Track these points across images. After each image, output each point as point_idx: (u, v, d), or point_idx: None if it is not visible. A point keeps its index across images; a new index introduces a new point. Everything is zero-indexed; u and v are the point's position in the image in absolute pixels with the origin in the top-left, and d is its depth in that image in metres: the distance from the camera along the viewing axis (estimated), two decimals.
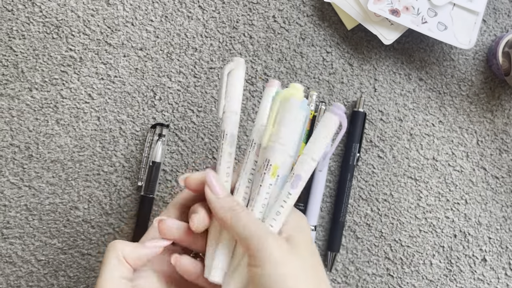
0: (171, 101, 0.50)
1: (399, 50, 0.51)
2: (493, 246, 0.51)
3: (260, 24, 0.51)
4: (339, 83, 0.51)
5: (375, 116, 0.51)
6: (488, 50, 0.51)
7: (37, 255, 0.49)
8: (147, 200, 0.48)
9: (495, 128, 0.51)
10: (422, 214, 0.50)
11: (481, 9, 0.48)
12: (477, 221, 0.51)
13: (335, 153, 0.50)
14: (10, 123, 0.49)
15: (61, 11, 0.50)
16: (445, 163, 0.51)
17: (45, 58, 0.49)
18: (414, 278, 0.50)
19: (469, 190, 0.51)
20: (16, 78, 0.49)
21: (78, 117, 0.49)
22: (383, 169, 0.50)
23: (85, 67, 0.50)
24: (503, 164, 0.51)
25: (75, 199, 0.49)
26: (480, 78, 0.51)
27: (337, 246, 0.49)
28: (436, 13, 0.48)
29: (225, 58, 0.50)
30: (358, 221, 0.50)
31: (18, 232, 0.49)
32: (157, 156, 0.49)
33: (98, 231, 0.49)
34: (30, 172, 0.49)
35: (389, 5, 0.48)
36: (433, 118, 0.51)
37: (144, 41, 0.50)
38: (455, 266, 0.50)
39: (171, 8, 0.50)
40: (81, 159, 0.49)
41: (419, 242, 0.50)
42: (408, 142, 0.51)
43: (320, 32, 0.51)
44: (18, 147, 0.49)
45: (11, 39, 0.49)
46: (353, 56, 0.51)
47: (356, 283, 0.50)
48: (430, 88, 0.51)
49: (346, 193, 0.49)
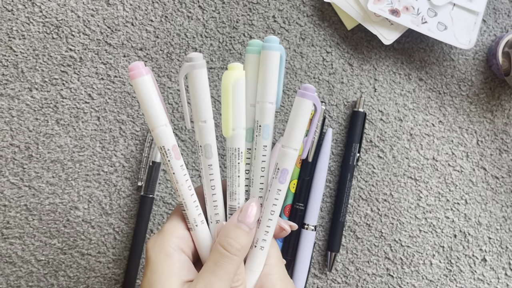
0: (171, 101, 0.50)
1: (399, 50, 0.51)
2: (493, 246, 0.51)
3: (260, 24, 0.51)
4: (339, 83, 0.51)
5: (375, 116, 0.51)
6: (488, 50, 0.51)
7: (37, 255, 0.49)
8: (147, 200, 0.48)
9: (495, 128, 0.51)
10: (422, 214, 0.50)
11: (481, 9, 0.48)
12: (477, 221, 0.51)
13: (335, 153, 0.50)
14: (10, 123, 0.49)
15: (61, 11, 0.50)
16: (445, 163, 0.51)
17: (45, 58, 0.49)
18: (414, 278, 0.50)
19: (469, 190, 0.51)
20: (16, 78, 0.49)
21: (78, 117, 0.49)
22: (383, 169, 0.50)
23: (85, 67, 0.50)
24: (503, 164, 0.51)
25: (75, 199, 0.49)
26: (480, 78, 0.51)
27: (337, 246, 0.49)
28: (436, 13, 0.48)
29: (225, 58, 0.50)
30: (358, 221, 0.50)
31: (18, 232, 0.49)
32: (157, 156, 0.49)
33: (98, 231, 0.49)
34: (30, 172, 0.49)
35: (389, 5, 0.48)
36: (433, 118, 0.51)
37: (144, 41, 0.50)
38: (455, 266, 0.50)
39: (171, 8, 0.50)
40: (81, 159, 0.49)
41: (419, 242, 0.50)
42: (408, 142, 0.51)
43: (320, 32, 0.51)
44: (18, 147, 0.49)
45: (11, 39, 0.49)
46: (353, 56, 0.51)
47: (356, 283, 0.50)
48: (430, 88, 0.51)
49: (346, 193, 0.49)
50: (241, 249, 0.31)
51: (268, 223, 0.32)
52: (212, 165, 0.33)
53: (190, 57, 0.30)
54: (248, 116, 0.33)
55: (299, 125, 0.31)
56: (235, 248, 0.30)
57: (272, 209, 0.32)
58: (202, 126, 0.32)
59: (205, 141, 0.32)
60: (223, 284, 0.29)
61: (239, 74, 0.32)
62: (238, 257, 0.30)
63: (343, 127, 0.51)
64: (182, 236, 0.33)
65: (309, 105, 0.30)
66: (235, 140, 0.33)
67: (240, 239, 0.31)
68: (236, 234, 0.31)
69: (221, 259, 0.30)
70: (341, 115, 0.51)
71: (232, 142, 0.33)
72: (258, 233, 0.32)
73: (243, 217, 0.31)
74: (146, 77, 0.30)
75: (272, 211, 0.32)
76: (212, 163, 0.33)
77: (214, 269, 0.30)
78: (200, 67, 0.30)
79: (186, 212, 0.33)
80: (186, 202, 0.33)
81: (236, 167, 0.33)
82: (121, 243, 0.49)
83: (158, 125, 0.31)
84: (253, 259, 0.33)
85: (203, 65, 0.31)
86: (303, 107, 0.30)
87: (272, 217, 0.32)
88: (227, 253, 0.30)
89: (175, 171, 0.32)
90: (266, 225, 0.32)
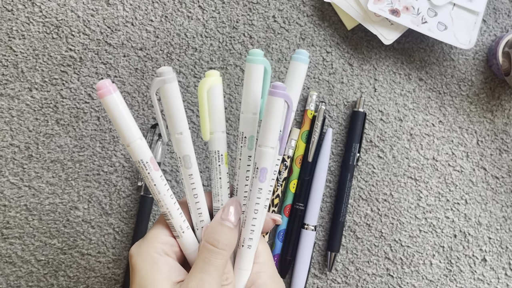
0: None
1: (399, 50, 0.51)
2: (493, 246, 0.51)
3: (260, 24, 0.51)
4: (339, 83, 0.51)
5: (375, 116, 0.51)
6: (488, 50, 0.51)
7: (37, 255, 0.49)
8: (147, 200, 0.48)
9: (495, 128, 0.51)
10: (422, 214, 0.50)
11: (481, 9, 0.48)
12: (477, 221, 0.51)
13: (335, 153, 0.50)
14: (10, 123, 0.49)
15: (61, 11, 0.50)
16: (445, 163, 0.51)
17: (45, 58, 0.49)
18: (414, 278, 0.50)
19: (469, 190, 0.51)
20: (16, 78, 0.49)
21: (78, 117, 0.49)
22: (383, 169, 0.50)
23: (85, 67, 0.50)
24: (503, 164, 0.51)
25: (75, 199, 0.49)
26: (480, 78, 0.51)
27: (337, 246, 0.49)
28: (436, 13, 0.48)
29: (225, 58, 0.50)
30: (358, 221, 0.50)
31: (18, 232, 0.49)
32: (157, 156, 0.49)
33: (98, 231, 0.49)
34: (30, 172, 0.49)
35: (389, 5, 0.48)
36: (433, 118, 0.51)
37: (144, 41, 0.50)
38: (455, 266, 0.50)
39: (171, 8, 0.50)
40: (81, 159, 0.49)
41: (419, 242, 0.50)
42: (408, 142, 0.51)
43: (320, 32, 0.51)
44: (18, 147, 0.49)
45: (11, 39, 0.49)
46: (353, 56, 0.51)
47: (356, 283, 0.50)
48: (430, 88, 0.51)
49: (346, 193, 0.49)
50: (228, 244, 0.32)
51: (253, 221, 0.33)
52: (192, 175, 0.33)
53: (160, 72, 0.31)
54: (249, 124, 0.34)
55: (273, 124, 0.31)
56: (221, 243, 0.31)
57: (255, 208, 0.32)
58: (179, 138, 0.32)
59: (183, 152, 0.33)
60: (214, 281, 0.30)
61: (214, 81, 0.33)
62: (225, 251, 0.31)
63: (343, 127, 0.51)
64: (166, 241, 0.33)
65: (281, 102, 0.31)
66: (214, 143, 0.34)
67: (225, 234, 0.32)
68: (221, 230, 0.32)
69: (209, 255, 0.31)
70: (341, 115, 0.51)
71: (211, 145, 0.34)
72: (244, 232, 0.33)
73: (226, 215, 0.32)
74: (115, 95, 0.30)
75: (256, 210, 0.32)
76: (193, 172, 0.33)
77: (204, 266, 0.31)
78: (170, 81, 0.31)
79: (171, 221, 0.34)
80: (170, 211, 0.33)
81: (217, 169, 0.34)
82: (121, 243, 0.49)
83: (133, 140, 0.31)
84: (241, 258, 0.33)
85: (173, 79, 0.31)
86: (275, 105, 0.31)
87: (257, 216, 0.33)
88: (214, 249, 0.31)
89: (156, 182, 0.32)
90: (252, 224, 0.33)
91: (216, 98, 0.33)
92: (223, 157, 0.34)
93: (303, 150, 0.49)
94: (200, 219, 0.35)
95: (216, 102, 0.33)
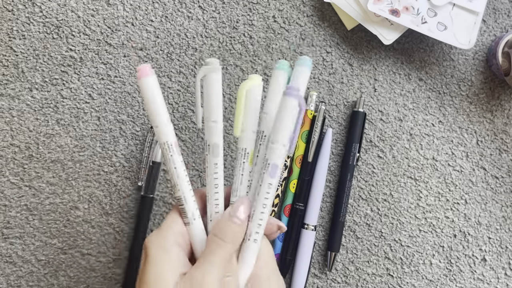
0: (171, 101, 0.50)
1: (399, 50, 0.51)
2: (493, 246, 0.51)
3: (260, 24, 0.51)
4: (339, 83, 0.51)
5: (375, 116, 0.51)
6: (488, 50, 0.51)
7: (37, 255, 0.49)
8: (147, 200, 0.49)
9: (495, 128, 0.51)
10: (422, 214, 0.50)
11: (481, 9, 0.48)
12: (477, 221, 0.51)
13: (335, 153, 0.51)
14: (10, 123, 0.49)
15: (61, 11, 0.50)
16: (445, 163, 0.51)
17: (45, 58, 0.50)
18: (414, 278, 0.50)
19: (469, 190, 0.51)
20: (17, 78, 0.49)
21: (78, 117, 0.50)
22: (383, 169, 0.50)
23: (85, 67, 0.50)
24: (503, 164, 0.51)
25: (75, 199, 0.49)
26: (480, 78, 0.51)
27: (337, 246, 0.49)
28: (436, 13, 0.48)
29: (225, 58, 0.50)
30: (358, 221, 0.50)
31: (18, 232, 0.49)
32: (157, 156, 0.49)
33: (98, 231, 0.49)
34: (30, 172, 0.49)
35: (389, 5, 0.48)
36: (433, 118, 0.51)
37: (144, 41, 0.50)
38: (455, 266, 0.50)
39: (171, 8, 0.50)
40: (81, 159, 0.49)
41: (419, 242, 0.50)
42: (408, 142, 0.51)
43: (320, 32, 0.51)
44: (18, 147, 0.49)
45: (11, 39, 0.49)
46: (353, 56, 0.51)
47: (356, 283, 0.50)
48: (430, 88, 0.51)
49: (346, 193, 0.49)
50: (234, 238, 0.33)
51: (261, 216, 0.34)
52: (217, 164, 0.35)
53: (208, 61, 0.33)
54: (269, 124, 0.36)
55: (286, 122, 0.32)
56: (228, 237, 0.33)
57: (264, 202, 0.33)
58: (212, 125, 0.34)
59: (213, 140, 0.34)
60: (218, 271, 0.32)
61: (254, 84, 0.35)
62: (231, 245, 0.33)
63: (343, 127, 0.51)
64: (179, 231, 0.35)
65: (295, 104, 0.32)
66: (243, 141, 0.35)
67: (232, 229, 0.33)
68: (229, 225, 0.33)
69: (216, 247, 0.33)
70: (341, 115, 0.51)
71: (240, 142, 0.35)
72: (251, 226, 0.34)
73: (234, 211, 0.33)
74: (152, 78, 0.33)
75: (264, 204, 0.33)
76: (218, 162, 0.35)
77: (210, 258, 0.32)
78: (215, 71, 0.33)
79: (184, 207, 0.35)
80: (186, 196, 0.35)
81: (241, 166, 0.35)
82: (121, 243, 0.49)
83: (162, 122, 0.33)
84: (246, 251, 0.34)
85: (218, 70, 0.34)
86: (290, 105, 0.32)
87: (264, 211, 0.34)
88: (221, 241, 0.33)
89: (176, 165, 0.34)
90: (259, 218, 0.34)
91: (252, 100, 0.35)
92: (248, 155, 0.35)
93: (303, 150, 0.49)
94: (215, 210, 0.36)
95: (251, 103, 0.35)
